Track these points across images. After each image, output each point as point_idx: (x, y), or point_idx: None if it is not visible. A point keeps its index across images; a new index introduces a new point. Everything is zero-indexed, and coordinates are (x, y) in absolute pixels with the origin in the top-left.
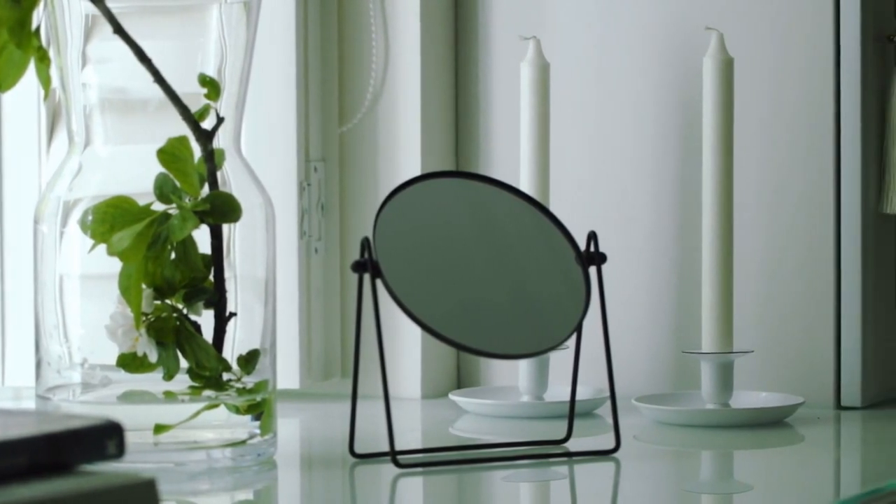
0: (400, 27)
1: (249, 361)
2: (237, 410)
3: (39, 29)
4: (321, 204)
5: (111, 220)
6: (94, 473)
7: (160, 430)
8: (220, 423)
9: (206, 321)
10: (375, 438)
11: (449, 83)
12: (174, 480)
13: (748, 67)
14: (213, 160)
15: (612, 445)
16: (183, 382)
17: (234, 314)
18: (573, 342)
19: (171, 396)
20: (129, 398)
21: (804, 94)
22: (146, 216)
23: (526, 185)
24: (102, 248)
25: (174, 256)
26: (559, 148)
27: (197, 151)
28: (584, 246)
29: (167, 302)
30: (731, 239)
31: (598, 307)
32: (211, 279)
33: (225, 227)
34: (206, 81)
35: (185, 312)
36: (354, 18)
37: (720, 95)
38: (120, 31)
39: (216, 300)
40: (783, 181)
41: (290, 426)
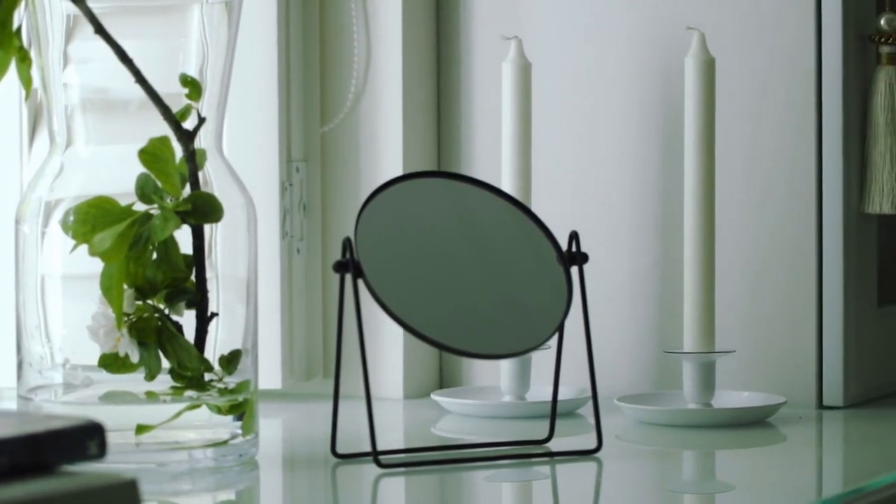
0: (381, 27)
1: (231, 362)
2: (219, 411)
3: (21, 29)
4: (303, 204)
5: (93, 220)
6: (75, 474)
7: (142, 430)
8: (201, 423)
9: (187, 321)
10: (357, 439)
11: (431, 83)
12: (156, 481)
13: (730, 67)
14: (194, 160)
15: (594, 445)
16: (165, 383)
17: (215, 314)
18: (555, 342)
19: (152, 397)
20: (110, 399)
21: (786, 93)
22: (128, 216)
23: (508, 184)
24: (84, 248)
25: (156, 257)
26: (541, 148)
27: (178, 151)
28: (565, 246)
29: (149, 302)
30: (712, 239)
31: (579, 307)
32: (192, 279)
33: (207, 227)
34: (187, 81)
35: (166, 313)
36: (336, 18)
37: (702, 95)
38: (101, 31)
39: (198, 300)
40: (765, 181)
41: (272, 426)
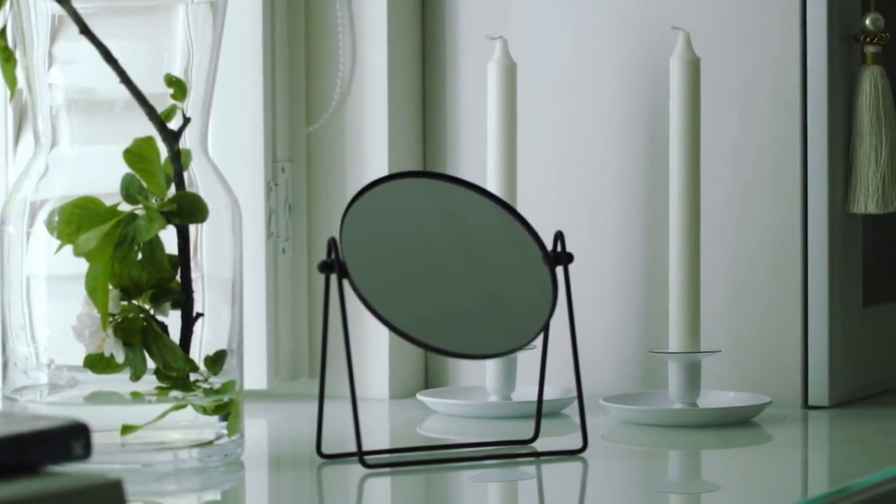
0: (367, 27)
1: (216, 362)
2: (204, 411)
3: (5, 29)
4: (288, 204)
5: (78, 220)
6: (60, 474)
7: (127, 430)
8: (187, 423)
9: (173, 322)
10: (343, 439)
11: (416, 83)
12: (141, 481)
13: (715, 67)
14: (179, 160)
15: (579, 445)
16: (150, 383)
17: (200, 314)
18: (540, 342)
19: (138, 397)
20: (96, 399)
21: (771, 93)
22: (113, 217)
23: (493, 185)
24: (69, 248)
25: (141, 257)
26: (526, 148)
27: (163, 152)
28: (551, 246)
29: (134, 302)
30: (698, 238)
31: (565, 307)
32: (178, 280)
33: (192, 227)
34: (172, 82)
35: (151, 313)
36: (321, 18)
37: (687, 95)
38: (86, 31)
39: (183, 301)
40: (750, 181)
41: (257, 427)
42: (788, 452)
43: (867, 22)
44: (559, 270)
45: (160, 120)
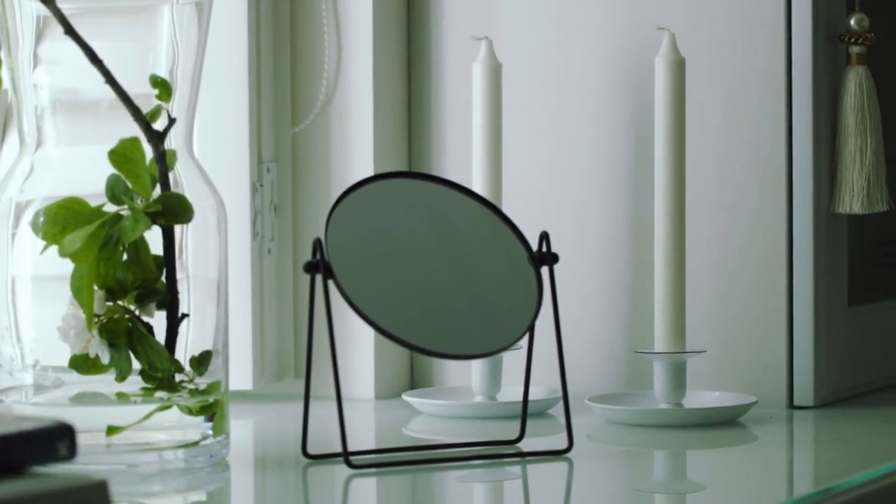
0: (352, 27)
1: (202, 363)
2: (190, 412)
3: None
4: (274, 205)
5: (63, 221)
6: (45, 475)
7: (112, 431)
8: (172, 424)
9: (158, 322)
10: (329, 439)
11: (401, 84)
12: (126, 482)
13: (700, 68)
14: (164, 161)
15: (564, 445)
16: (135, 384)
17: (186, 315)
18: (526, 342)
19: (123, 398)
20: (81, 400)
21: (756, 93)
22: (98, 217)
23: (478, 185)
24: (54, 249)
25: (126, 258)
26: (512, 148)
27: (149, 152)
28: (536, 246)
29: (119, 303)
30: (683, 239)
31: (550, 307)
32: (163, 280)
33: (177, 228)
34: (157, 82)
35: (137, 314)
36: (307, 19)
37: (672, 95)
38: (71, 32)
39: (168, 301)
40: (735, 181)
41: (242, 427)
42: (774, 452)
43: (852, 22)
44: (544, 271)
45: (145, 120)
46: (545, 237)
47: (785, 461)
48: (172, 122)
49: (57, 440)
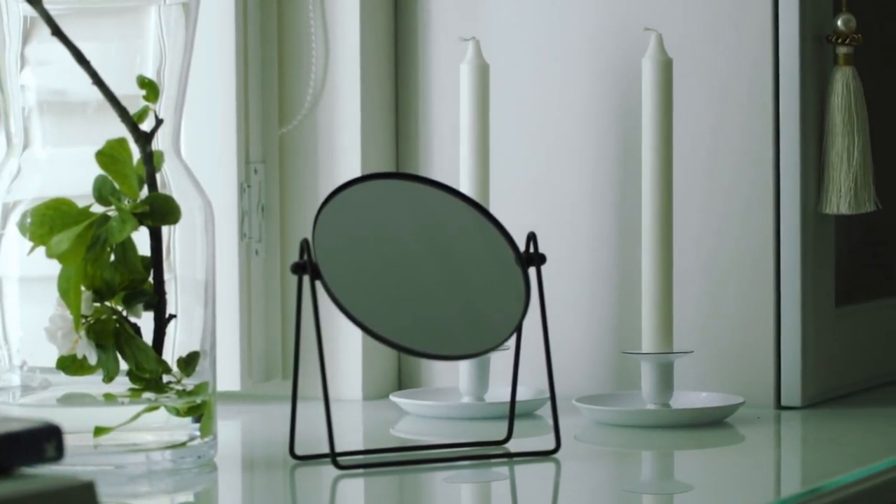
0: (340, 28)
1: (189, 363)
2: (177, 413)
3: None
4: (261, 205)
5: (50, 222)
6: (32, 476)
7: (100, 432)
8: (159, 425)
9: (145, 323)
10: (316, 440)
11: (389, 84)
12: (114, 483)
13: (687, 68)
14: (151, 162)
15: (552, 446)
16: (123, 385)
17: (173, 316)
18: (513, 343)
19: (110, 399)
20: (68, 401)
21: (744, 94)
22: (85, 218)
23: (466, 186)
24: (41, 250)
25: (113, 258)
26: (499, 149)
27: (136, 153)
28: (523, 247)
29: (107, 304)
30: (670, 239)
31: (538, 308)
32: (150, 281)
33: (164, 228)
34: (144, 83)
35: (124, 314)
36: (294, 20)
37: (659, 96)
38: (58, 32)
39: (156, 302)
40: (723, 181)
41: (230, 428)
42: (761, 453)
43: (839, 23)
44: (532, 271)
45: (133, 121)
46: (532, 238)
47: (772, 461)
48: (160, 122)
49: (44, 441)
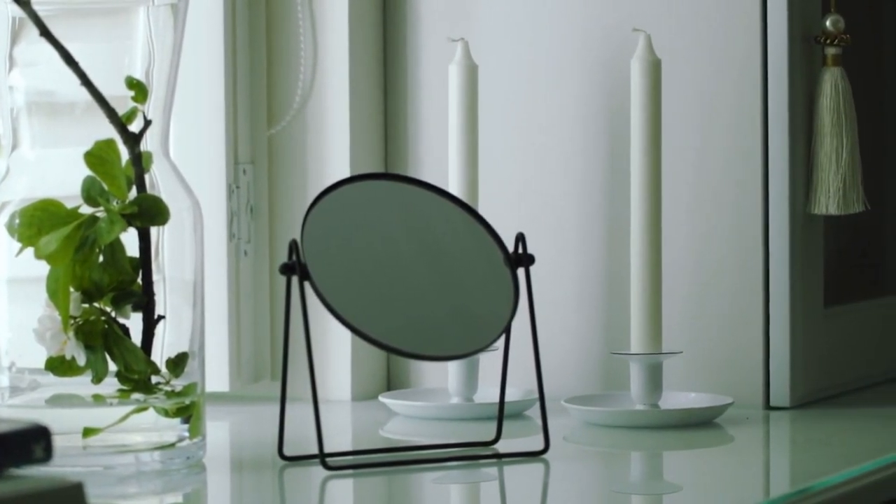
0: (328, 29)
1: (178, 364)
2: (166, 413)
3: None
4: (250, 206)
5: (38, 223)
6: (21, 477)
7: (89, 433)
8: (148, 426)
9: (134, 324)
10: (305, 441)
11: (378, 85)
12: (102, 484)
13: (676, 69)
14: (140, 163)
15: (541, 447)
16: (111, 386)
17: (162, 317)
18: (502, 344)
19: (99, 400)
20: (57, 401)
21: (732, 95)
22: (74, 219)
23: (454, 186)
24: (30, 251)
25: (102, 259)
26: (488, 149)
27: (124, 154)
28: (512, 248)
29: (95, 305)
30: (659, 240)
31: (526, 309)
32: (139, 282)
33: (153, 229)
34: (133, 84)
35: (113, 315)
36: (283, 20)
37: (648, 97)
38: (46, 33)
39: (144, 303)
40: (711, 182)
41: (219, 429)
42: (750, 453)
43: (827, 24)
44: (520, 272)
45: (121, 122)
46: (521, 238)
47: (761, 462)
48: (148, 123)
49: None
